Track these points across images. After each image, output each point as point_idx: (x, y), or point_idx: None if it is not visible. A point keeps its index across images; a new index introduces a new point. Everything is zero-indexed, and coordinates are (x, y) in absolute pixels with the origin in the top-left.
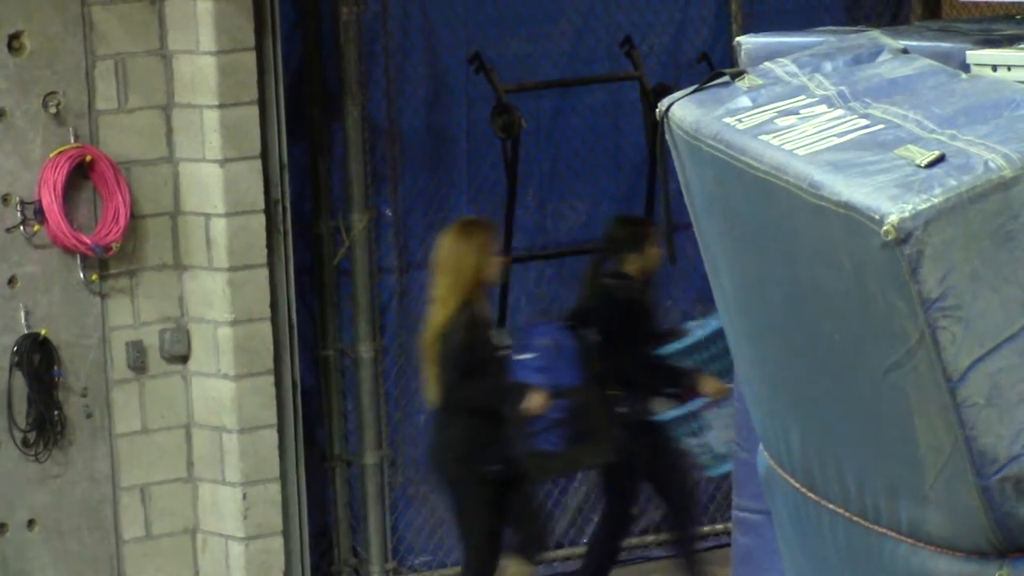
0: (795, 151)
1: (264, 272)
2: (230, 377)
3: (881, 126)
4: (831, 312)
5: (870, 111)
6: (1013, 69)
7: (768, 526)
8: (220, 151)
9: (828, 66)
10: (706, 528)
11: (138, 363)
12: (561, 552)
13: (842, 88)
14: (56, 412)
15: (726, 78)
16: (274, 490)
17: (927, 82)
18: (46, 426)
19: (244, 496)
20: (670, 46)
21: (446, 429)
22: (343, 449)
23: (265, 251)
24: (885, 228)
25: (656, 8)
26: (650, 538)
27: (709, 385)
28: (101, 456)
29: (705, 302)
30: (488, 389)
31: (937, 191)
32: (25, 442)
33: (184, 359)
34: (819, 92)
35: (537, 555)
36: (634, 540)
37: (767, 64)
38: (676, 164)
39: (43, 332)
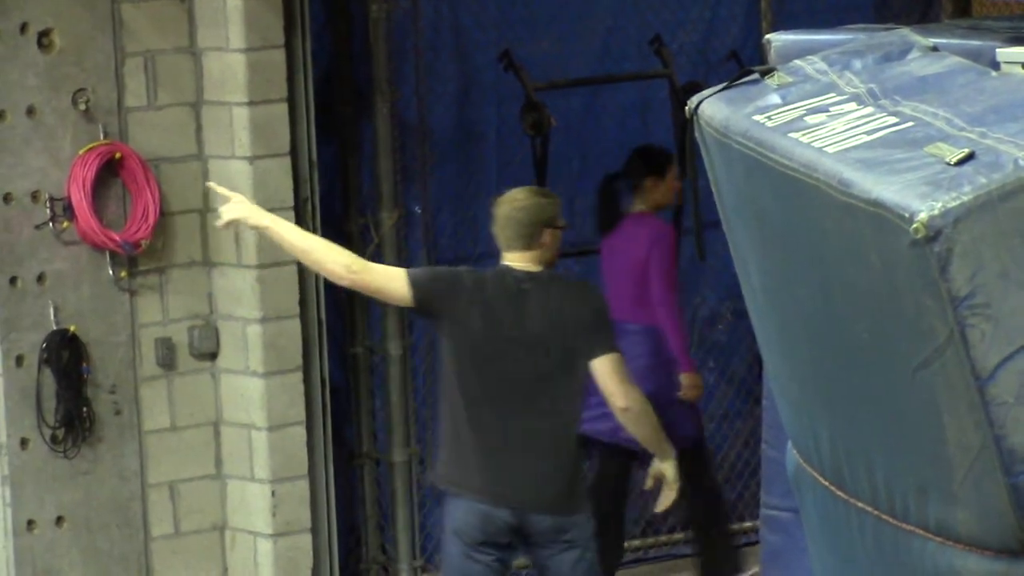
0: (824, 149)
1: (293, 269)
2: (259, 374)
3: (911, 124)
4: (860, 310)
5: (900, 109)
6: None
7: (797, 524)
8: (249, 148)
9: (858, 64)
10: (735, 526)
11: (167, 360)
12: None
13: (872, 86)
14: (85, 409)
15: (756, 76)
16: (303, 487)
17: (957, 80)
18: (75, 423)
19: (273, 493)
20: (700, 44)
21: None
22: (372, 446)
23: None
24: (915, 226)
25: (686, 6)
26: (678, 535)
27: None
28: (130, 453)
29: (734, 300)
30: None
31: (967, 189)
32: (54, 439)
33: (213, 356)
34: (849, 90)
35: None
36: (662, 537)
37: (797, 62)
38: (706, 162)
39: (72, 329)
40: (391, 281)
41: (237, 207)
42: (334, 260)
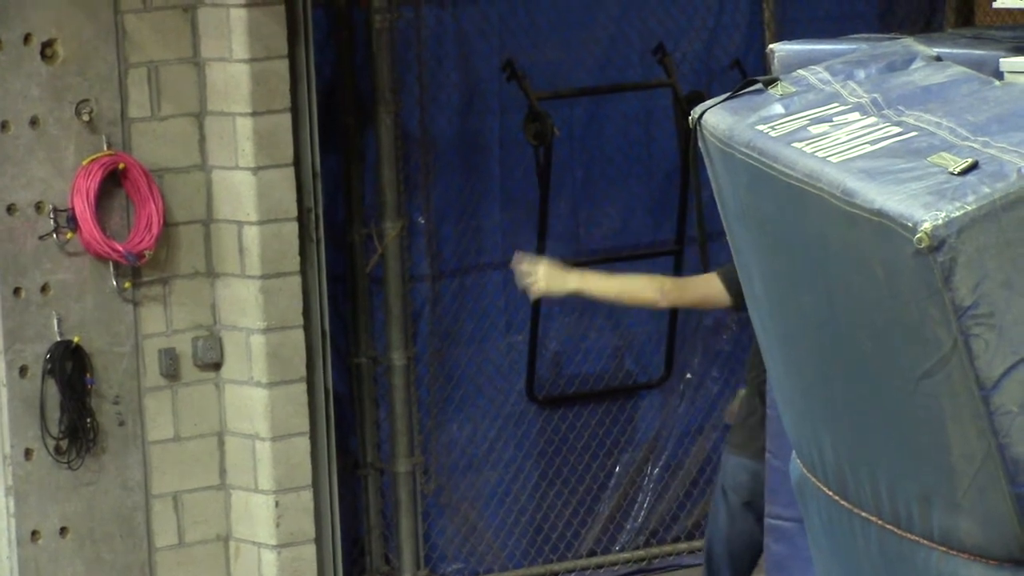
0: (828, 158)
1: (297, 280)
2: (263, 384)
3: (914, 133)
4: (863, 319)
5: (903, 118)
6: None
7: (801, 534)
8: (253, 159)
9: (861, 73)
10: None
11: (171, 370)
12: (594, 560)
13: (875, 95)
14: (89, 420)
15: (759, 85)
16: (306, 498)
17: (960, 89)
18: (79, 434)
19: (276, 504)
20: (703, 53)
21: None
22: (375, 457)
23: (298, 259)
24: (918, 236)
25: (689, 15)
26: (682, 545)
27: None
28: (134, 464)
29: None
30: None
31: (970, 198)
32: (58, 450)
33: (217, 366)
34: (852, 99)
35: None
36: (667, 547)
37: (800, 71)
38: (709, 172)
39: (76, 340)
40: (706, 290)
41: (542, 282)
42: (650, 289)
